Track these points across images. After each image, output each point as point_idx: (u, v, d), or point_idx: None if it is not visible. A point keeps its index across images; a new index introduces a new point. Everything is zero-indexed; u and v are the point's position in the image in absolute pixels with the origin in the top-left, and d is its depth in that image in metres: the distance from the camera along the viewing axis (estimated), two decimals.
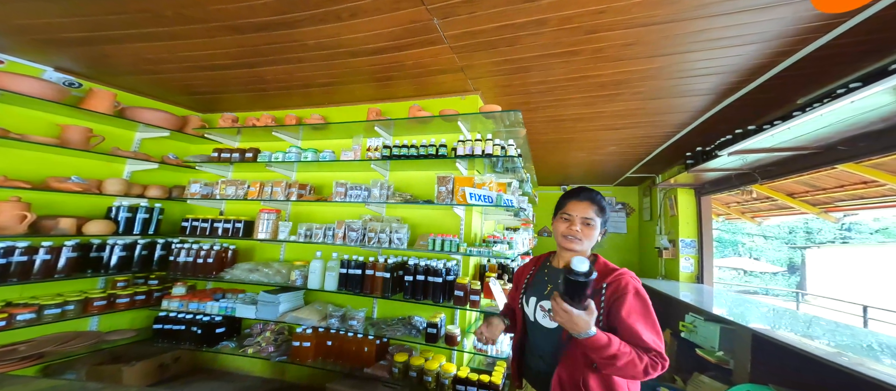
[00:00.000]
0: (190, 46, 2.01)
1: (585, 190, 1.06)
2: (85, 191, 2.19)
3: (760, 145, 1.88)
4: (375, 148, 2.28)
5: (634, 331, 0.86)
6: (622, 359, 0.82)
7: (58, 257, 2.05)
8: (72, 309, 2.10)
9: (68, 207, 2.25)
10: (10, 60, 2.19)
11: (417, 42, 1.83)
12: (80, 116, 2.30)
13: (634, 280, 0.95)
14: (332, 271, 2.22)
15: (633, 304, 0.89)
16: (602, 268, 0.99)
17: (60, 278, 2.06)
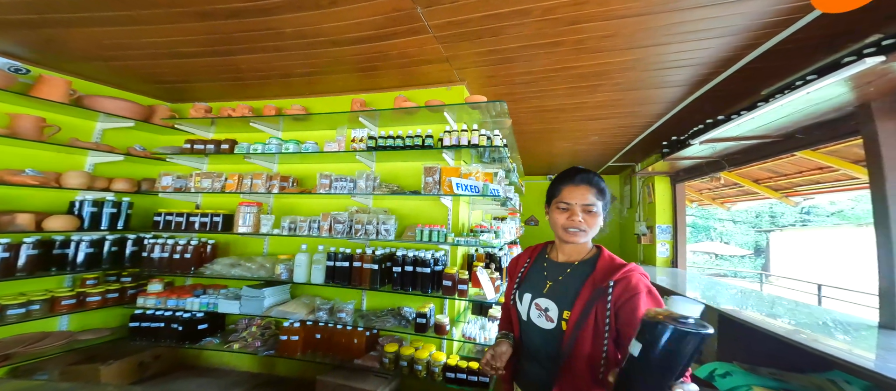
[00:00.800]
0: (153, 32, 1.91)
1: (581, 171, 0.91)
2: (42, 184, 2.06)
3: (728, 134, 2.02)
4: (361, 139, 2.26)
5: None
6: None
7: (17, 255, 1.94)
8: (37, 308, 2.01)
9: (25, 202, 2.12)
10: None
11: (401, 31, 1.81)
12: (31, 105, 2.14)
13: (644, 277, 0.84)
14: (319, 264, 2.22)
15: (641, 306, 0.78)
16: (607, 263, 0.87)
17: (22, 277, 1.96)
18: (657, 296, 0.81)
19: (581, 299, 0.84)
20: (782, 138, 2.00)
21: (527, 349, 0.95)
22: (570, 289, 0.88)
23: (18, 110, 2.11)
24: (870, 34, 1.25)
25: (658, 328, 0.50)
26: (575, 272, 0.91)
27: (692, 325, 0.50)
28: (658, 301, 0.80)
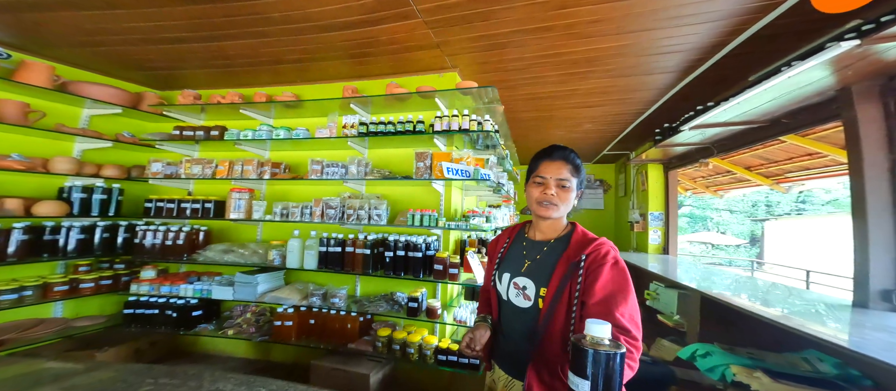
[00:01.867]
0: (134, 16, 1.89)
1: (558, 148, 0.95)
2: (28, 169, 2.07)
3: (717, 119, 2.06)
4: (352, 125, 2.28)
5: (608, 305, 0.77)
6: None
7: (7, 240, 1.96)
8: (30, 294, 2.04)
9: (12, 187, 2.13)
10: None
11: (391, 16, 1.82)
12: (13, 90, 2.12)
13: (614, 250, 0.87)
14: (311, 250, 2.27)
15: (611, 276, 0.81)
16: (581, 238, 0.91)
17: (13, 262, 1.98)
18: (623, 268, 0.84)
19: (556, 275, 0.87)
20: (769, 123, 2.04)
21: (505, 328, 0.97)
22: (546, 266, 0.91)
23: (1, 95, 2.10)
24: (852, 19, 1.28)
25: (587, 354, 0.56)
26: (551, 250, 0.94)
27: (603, 344, 0.57)
28: (624, 272, 0.83)
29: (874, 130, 1.38)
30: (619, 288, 0.80)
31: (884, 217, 1.34)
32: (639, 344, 0.76)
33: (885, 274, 1.32)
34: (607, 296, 0.79)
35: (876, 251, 1.33)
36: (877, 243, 1.34)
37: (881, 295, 1.32)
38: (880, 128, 1.38)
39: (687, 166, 3.25)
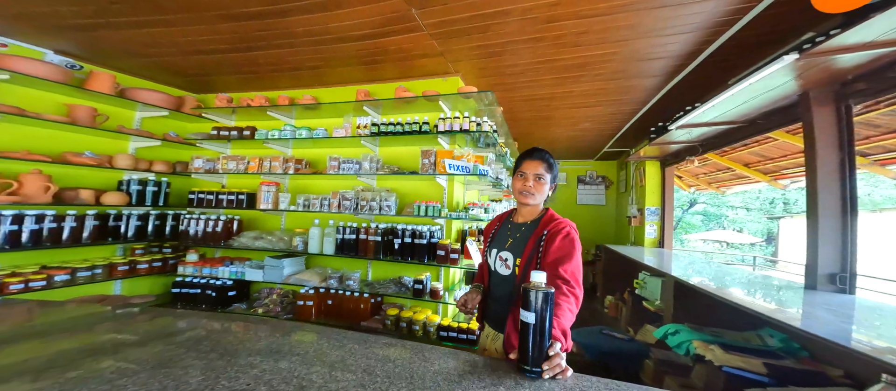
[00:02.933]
0: (184, 32, 2.22)
1: (537, 150, 1.18)
2: (98, 164, 2.47)
3: (700, 120, 2.22)
4: (364, 125, 2.57)
5: (556, 264, 1.01)
6: (566, 322, 0.92)
7: (82, 226, 2.36)
8: (100, 272, 2.45)
9: (85, 180, 2.54)
10: (12, 44, 2.36)
11: (399, 29, 2.07)
12: (84, 97, 2.51)
13: (569, 226, 1.09)
14: (329, 237, 2.58)
15: (561, 244, 1.05)
16: (548, 219, 1.13)
17: (87, 244, 2.39)
18: (572, 239, 1.06)
19: (527, 248, 1.11)
20: (747, 123, 2.19)
21: (493, 293, 1.21)
22: (522, 242, 1.15)
23: (74, 101, 2.50)
24: (808, 30, 1.44)
25: (530, 293, 0.80)
26: (527, 229, 1.18)
27: (540, 286, 0.81)
28: (572, 242, 1.05)
29: (827, 132, 1.54)
30: (566, 253, 1.04)
31: (832, 211, 1.51)
32: (577, 292, 1.00)
33: (832, 260, 1.49)
34: (556, 259, 1.03)
35: (824, 241, 1.50)
36: (825, 234, 1.51)
37: (828, 278, 1.49)
38: (833, 129, 1.53)
39: (680, 162, 3.37)
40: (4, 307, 1.04)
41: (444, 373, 0.78)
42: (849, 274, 1.44)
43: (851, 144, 1.51)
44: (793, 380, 1.31)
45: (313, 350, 0.87)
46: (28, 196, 2.14)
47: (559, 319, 0.90)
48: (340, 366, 0.78)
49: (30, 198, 2.16)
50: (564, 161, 5.59)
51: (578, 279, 1.02)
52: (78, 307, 1.05)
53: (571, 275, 1.00)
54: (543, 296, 0.81)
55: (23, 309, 1.02)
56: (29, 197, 2.15)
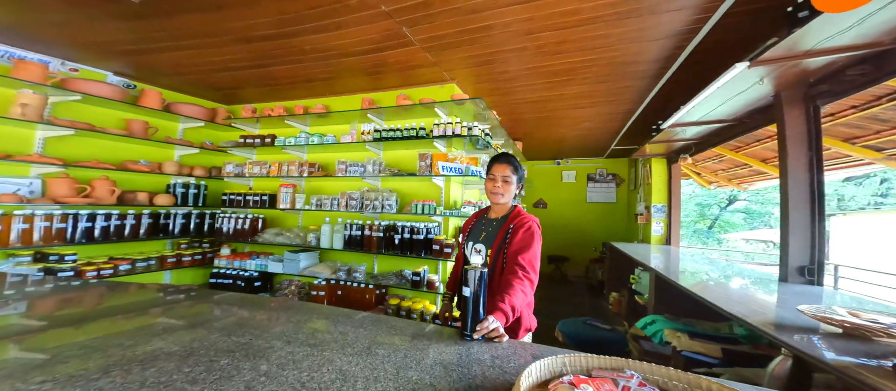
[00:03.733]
0: (214, 53, 2.62)
1: (504, 155, 1.38)
2: (151, 170, 2.97)
3: (687, 119, 2.28)
4: (368, 132, 2.86)
5: (517, 253, 1.20)
6: (516, 302, 1.08)
7: (139, 223, 2.86)
8: (154, 263, 2.95)
9: (141, 184, 3.06)
10: (82, 68, 2.89)
11: (395, 45, 2.33)
12: (138, 112, 3.02)
13: (532, 221, 1.27)
14: (339, 233, 2.91)
15: (522, 236, 1.24)
16: (516, 215, 1.32)
17: (143, 240, 2.89)
18: (532, 232, 1.24)
19: (497, 240, 1.30)
20: (737, 122, 2.21)
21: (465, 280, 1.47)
22: (493, 235, 1.34)
23: (131, 116, 3.01)
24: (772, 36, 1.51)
25: (469, 273, 1.00)
26: (498, 224, 1.36)
27: (477, 267, 1.01)
28: (531, 235, 1.24)
29: (797, 131, 1.59)
30: (525, 244, 1.23)
31: (802, 206, 1.56)
32: (532, 277, 1.18)
33: (802, 253, 1.55)
34: (517, 249, 1.22)
35: (794, 235, 1.56)
36: (795, 228, 1.56)
37: (798, 270, 1.55)
38: (802, 129, 1.58)
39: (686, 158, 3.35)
40: (84, 290, 1.39)
41: (409, 333, 1.02)
42: (817, 266, 1.50)
43: (819, 143, 1.55)
44: (744, 362, 1.42)
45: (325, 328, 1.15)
46: (98, 198, 2.65)
47: (510, 297, 1.10)
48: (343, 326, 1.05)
49: (100, 200, 2.67)
50: (574, 159, 5.60)
51: (534, 266, 1.21)
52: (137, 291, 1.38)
53: (528, 262, 1.20)
54: (479, 275, 1.02)
55: (96, 293, 1.36)
56: (99, 199, 2.66)
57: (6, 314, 1.04)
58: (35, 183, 2.43)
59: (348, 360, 0.82)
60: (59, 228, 2.42)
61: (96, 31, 2.32)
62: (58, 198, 2.45)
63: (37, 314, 1.06)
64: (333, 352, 0.86)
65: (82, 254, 2.63)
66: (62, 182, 2.49)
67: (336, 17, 2.04)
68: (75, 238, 2.52)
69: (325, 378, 0.73)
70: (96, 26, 2.25)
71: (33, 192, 2.42)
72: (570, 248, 5.46)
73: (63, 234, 2.45)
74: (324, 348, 0.89)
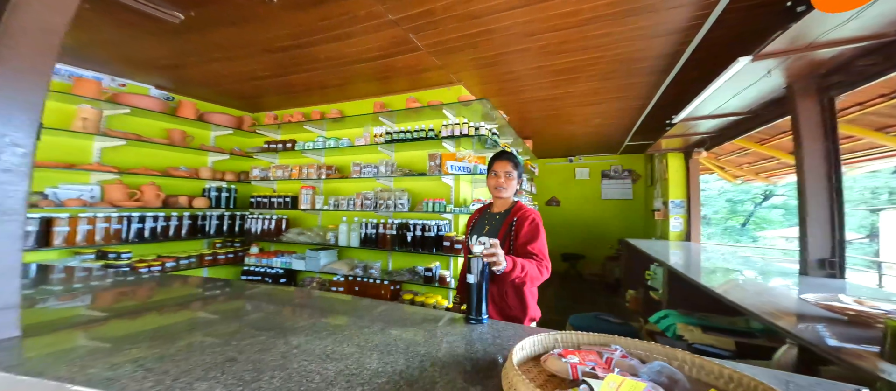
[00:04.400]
0: (240, 65, 2.86)
1: (504, 152, 1.49)
2: (189, 176, 3.28)
3: (699, 112, 2.23)
4: (380, 134, 3.01)
5: (526, 244, 1.30)
6: (527, 270, 1.19)
7: (181, 224, 3.18)
8: (194, 261, 3.26)
9: (181, 188, 3.39)
10: (128, 83, 3.23)
11: (403, 50, 2.45)
12: (177, 122, 3.34)
13: (534, 214, 1.38)
14: (355, 232, 3.09)
15: (527, 228, 1.33)
16: (519, 209, 1.41)
17: (184, 239, 3.21)
18: (537, 224, 1.33)
19: (501, 233, 1.38)
20: (752, 114, 2.14)
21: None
22: (497, 228, 1.43)
23: (171, 126, 3.33)
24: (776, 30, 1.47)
25: (472, 262, 1.08)
26: (501, 217, 1.45)
27: (479, 255, 1.08)
28: (536, 226, 1.32)
29: (811, 122, 1.53)
30: (533, 235, 1.33)
31: (820, 198, 1.51)
32: (545, 262, 1.28)
33: (822, 246, 1.50)
34: (526, 240, 1.32)
35: (813, 227, 1.52)
36: (813, 221, 1.52)
37: (818, 263, 1.51)
38: (816, 120, 1.53)
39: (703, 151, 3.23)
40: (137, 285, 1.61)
41: (419, 317, 1.13)
42: (838, 259, 1.45)
43: (835, 134, 1.49)
44: (758, 355, 1.42)
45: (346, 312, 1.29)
46: (147, 202, 2.98)
47: (525, 263, 1.21)
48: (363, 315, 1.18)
49: (148, 203, 3.00)
50: (587, 156, 5.49)
51: (544, 252, 1.33)
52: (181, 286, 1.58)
53: (538, 250, 1.31)
54: (482, 264, 1.11)
55: (147, 287, 1.57)
56: (147, 202, 2.99)
57: (76, 305, 1.24)
58: (95, 189, 2.77)
59: (365, 338, 0.94)
60: (115, 229, 2.76)
61: (139, 48, 2.60)
62: (114, 202, 2.79)
63: (100, 306, 1.26)
64: (353, 332, 0.99)
65: (135, 252, 2.97)
66: (117, 188, 2.83)
67: (346, 27, 2.18)
68: (129, 237, 2.85)
69: (346, 350, 0.85)
70: (139, 44, 2.52)
71: (94, 198, 2.77)
72: (585, 246, 5.38)
73: (119, 234, 2.79)
74: (344, 329, 1.02)
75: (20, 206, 0.81)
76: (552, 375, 0.70)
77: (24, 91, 0.86)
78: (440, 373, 0.75)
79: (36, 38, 0.91)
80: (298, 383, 0.69)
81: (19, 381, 0.70)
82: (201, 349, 0.84)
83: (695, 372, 0.67)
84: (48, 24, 0.94)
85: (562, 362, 0.68)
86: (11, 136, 0.81)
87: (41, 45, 0.92)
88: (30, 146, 0.84)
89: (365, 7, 1.94)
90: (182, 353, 0.81)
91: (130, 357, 0.79)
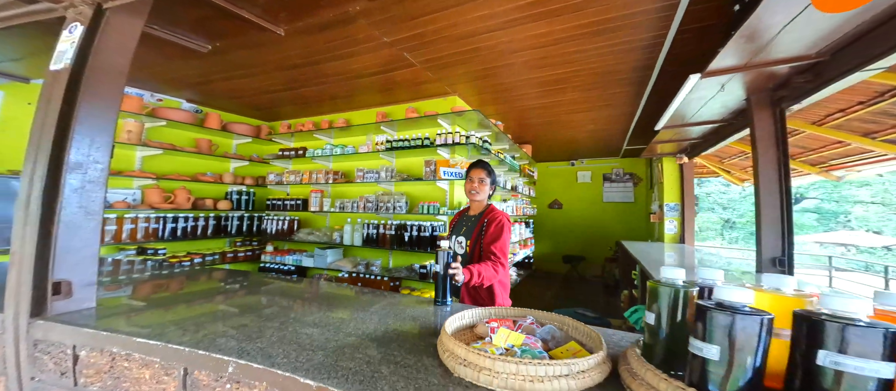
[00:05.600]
0: (258, 81, 3.22)
1: (479, 161, 1.71)
2: (214, 181, 3.69)
3: (674, 122, 2.37)
4: (382, 143, 3.29)
5: (490, 243, 1.52)
6: (483, 274, 1.39)
7: (207, 224, 3.59)
8: (217, 258, 3.66)
9: (208, 192, 3.80)
10: (164, 98, 3.67)
11: (399, 66, 2.72)
12: (204, 132, 3.76)
13: (502, 216, 1.59)
14: (358, 232, 3.38)
15: (493, 229, 1.54)
16: (490, 211, 1.63)
17: (209, 238, 3.61)
18: (501, 225, 1.54)
19: (474, 233, 1.62)
20: (726, 122, 2.25)
21: None
22: (472, 228, 1.66)
23: (199, 136, 3.76)
24: None
25: (438, 254, 1.29)
26: (475, 219, 1.69)
27: (445, 249, 1.29)
28: (501, 228, 1.53)
29: (765, 133, 1.67)
30: (496, 235, 1.53)
31: (772, 202, 1.64)
32: (502, 261, 1.49)
33: (774, 246, 1.63)
34: (490, 240, 1.54)
35: (766, 228, 1.65)
36: (766, 222, 1.65)
37: (770, 261, 1.63)
38: (770, 130, 1.66)
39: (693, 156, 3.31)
40: (173, 276, 1.93)
41: (396, 300, 1.37)
42: (787, 257, 1.58)
43: (785, 143, 1.61)
44: None
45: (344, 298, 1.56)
46: (179, 204, 3.40)
47: (481, 267, 1.42)
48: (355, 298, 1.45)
49: (180, 205, 3.41)
50: (589, 160, 5.58)
51: (504, 252, 1.52)
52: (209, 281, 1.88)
53: (498, 249, 1.51)
54: (445, 256, 1.34)
55: (178, 281, 1.88)
56: (179, 205, 3.41)
57: (120, 295, 1.52)
58: (136, 192, 3.21)
59: (349, 313, 1.20)
60: (153, 228, 3.18)
61: (174, 68, 3.00)
62: (152, 205, 3.21)
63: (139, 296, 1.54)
64: (340, 309, 1.25)
65: (169, 249, 3.39)
66: (154, 192, 3.25)
67: (349, 48, 2.47)
68: (164, 236, 3.26)
69: (331, 321, 1.11)
70: (174, 65, 2.91)
71: (136, 200, 3.20)
72: (587, 248, 5.47)
73: (156, 233, 3.20)
74: (334, 307, 1.28)
75: (99, 208, 1.12)
76: (479, 337, 0.93)
77: (102, 119, 1.17)
78: (399, 333, 1.00)
79: (109, 78, 1.23)
80: (294, 333, 0.95)
81: (101, 335, 1.00)
82: (227, 318, 1.13)
83: (571, 331, 0.89)
84: (116, 65, 1.26)
85: (484, 326, 0.91)
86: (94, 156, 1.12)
87: (112, 82, 1.24)
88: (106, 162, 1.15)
89: (363, 31, 2.22)
90: (208, 318, 1.10)
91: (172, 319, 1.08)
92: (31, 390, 1.07)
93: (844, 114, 2.26)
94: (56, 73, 1.13)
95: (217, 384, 0.83)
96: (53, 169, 1.05)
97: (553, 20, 1.86)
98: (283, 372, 0.74)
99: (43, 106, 1.12)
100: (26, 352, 1.05)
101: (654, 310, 0.64)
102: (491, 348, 0.75)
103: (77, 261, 1.10)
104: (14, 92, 2.81)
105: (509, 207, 3.77)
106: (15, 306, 1.06)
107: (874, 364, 0.42)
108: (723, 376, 0.50)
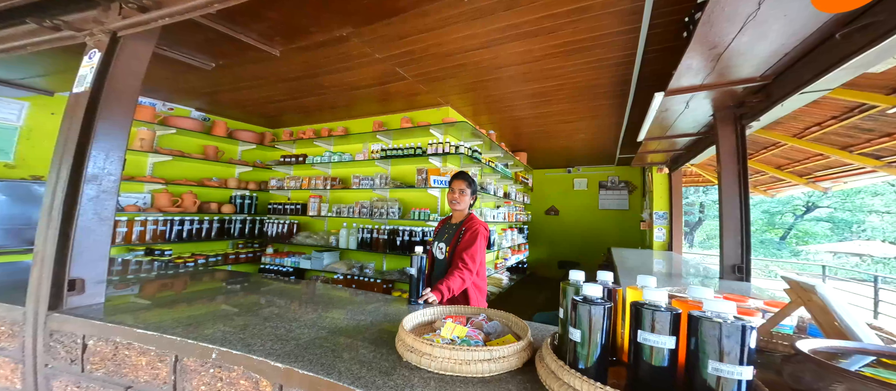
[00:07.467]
0: (263, 92, 3.42)
1: (461, 173, 1.84)
2: (219, 185, 3.89)
3: (654, 134, 2.46)
4: (377, 151, 3.45)
5: (462, 250, 1.61)
6: (451, 288, 1.48)
7: (212, 227, 3.78)
8: (220, 259, 3.84)
9: (213, 196, 4.01)
10: (175, 107, 3.90)
11: (393, 79, 2.88)
12: (211, 139, 3.97)
13: (480, 226, 1.69)
14: (353, 236, 3.53)
15: (467, 237, 1.65)
16: (470, 220, 1.74)
17: (213, 240, 3.80)
18: (475, 234, 1.65)
19: (453, 240, 1.74)
20: (702, 134, 2.35)
21: (434, 271, 1.85)
22: (452, 235, 1.78)
23: (207, 143, 3.97)
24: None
25: (413, 257, 1.46)
26: (455, 227, 1.81)
27: (419, 254, 1.44)
28: (475, 237, 1.65)
29: (729, 148, 1.76)
30: (469, 243, 1.65)
31: (733, 214, 1.73)
32: (470, 267, 1.59)
33: (734, 253, 1.71)
34: (463, 247, 1.65)
35: (727, 238, 1.74)
36: (727, 231, 1.74)
37: (730, 268, 1.72)
38: (732, 145, 1.75)
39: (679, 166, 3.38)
40: (177, 276, 2.10)
41: (376, 299, 1.50)
42: (745, 264, 1.66)
43: (745, 159, 1.70)
44: None
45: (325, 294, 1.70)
46: (186, 208, 3.60)
47: (447, 281, 1.53)
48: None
49: (187, 209, 3.61)
50: (585, 167, 5.66)
51: (474, 259, 1.63)
52: (209, 281, 2.05)
53: (469, 256, 1.62)
54: (419, 260, 1.46)
55: (181, 280, 2.04)
56: (186, 208, 3.61)
57: (127, 293, 1.68)
58: (147, 197, 3.42)
59: (330, 311, 1.33)
60: (161, 230, 3.38)
61: (183, 80, 3.22)
62: (161, 208, 3.41)
63: (144, 294, 1.69)
64: (322, 308, 1.39)
65: (175, 250, 3.58)
66: (163, 196, 3.45)
67: (344, 63, 2.64)
68: (171, 238, 3.46)
69: (311, 318, 1.24)
70: (183, 77, 3.13)
71: (146, 204, 3.41)
72: (582, 254, 5.53)
73: (163, 235, 3.40)
74: (317, 306, 1.41)
75: (111, 215, 1.28)
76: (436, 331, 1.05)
77: (116, 136, 1.34)
78: (368, 328, 1.12)
79: (122, 99, 1.40)
80: (274, 326, 1.09)
81: (107, 326, 1.15)
82: (220, 314, 1.27)
83: (512, 326, 1.01)
84: (129, 87, 1.44)
85: (441, 321, 1.03)
86: (108, 169, 1.29)
87: (125, 103, 1.41)
88: (118, 173, 1.32)
89: (356, 48, 2.38)
90: (207, 316, 1.24)
91: (172, 315, 1.23)
92: (44, 376, 1.22)
93: (820, 128, 2.33)
94: (77, 95, 1.31)
95: (202, 368, 0.97)
96: (74, 180, 1.22)
97: (531, 40, 2.00)
98: (257, 357, 0.88)
99: (66, 124, 1.29)
100: (43, 342, 1.21)
101: (563, 306, 0.75)
102: (437, 339, 0.88)
103: (90, 261, 1.26)
104: (39, 103, 3.05)
105: (501, 214, 3.88)
106: (35, 300, 1.22)
107: (664, 338, 0.57)
108: (585, 354, 0.66)
